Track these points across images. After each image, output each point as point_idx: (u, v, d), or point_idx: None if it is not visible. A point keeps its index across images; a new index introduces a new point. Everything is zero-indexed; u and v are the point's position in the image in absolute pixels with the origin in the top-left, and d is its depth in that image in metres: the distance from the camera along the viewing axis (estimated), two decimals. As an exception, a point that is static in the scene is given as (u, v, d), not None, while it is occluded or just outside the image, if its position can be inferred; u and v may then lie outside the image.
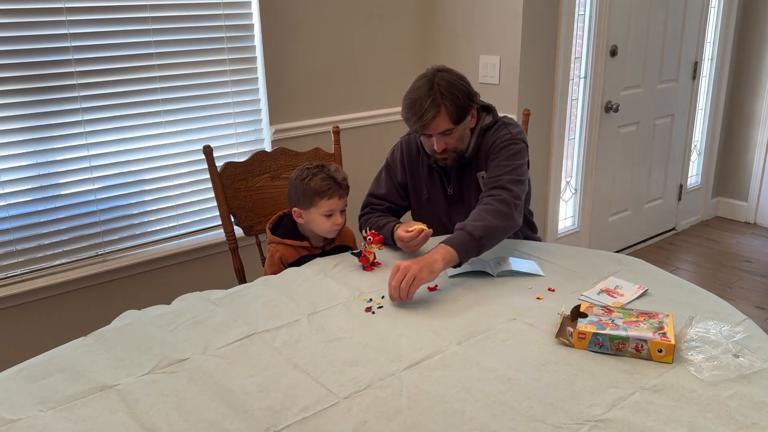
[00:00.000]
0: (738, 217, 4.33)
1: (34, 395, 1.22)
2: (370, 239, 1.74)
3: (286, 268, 1.83)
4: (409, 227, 1.79)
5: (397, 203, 2.06)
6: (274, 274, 1.79)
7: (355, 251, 1.79)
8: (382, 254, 1.81)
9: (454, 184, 1.96)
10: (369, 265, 1.76)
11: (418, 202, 2.05)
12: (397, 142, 2.08)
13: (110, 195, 2.37)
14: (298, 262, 1.84)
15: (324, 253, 1.91)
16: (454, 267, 1.66)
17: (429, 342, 1.37)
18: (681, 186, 4.08)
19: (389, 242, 1.87)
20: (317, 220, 1.83)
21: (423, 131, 1.81)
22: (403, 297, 1.52)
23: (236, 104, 2.59)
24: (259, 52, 2.60)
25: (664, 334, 1.28)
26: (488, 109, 1.94)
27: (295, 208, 1.86)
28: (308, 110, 2.81)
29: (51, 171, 2.23)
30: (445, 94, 1.75)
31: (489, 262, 1.74)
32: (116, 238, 2.42)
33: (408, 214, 2.13)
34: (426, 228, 1.76)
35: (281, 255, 1.86)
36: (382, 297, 1.59)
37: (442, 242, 1.65)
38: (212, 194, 2.19)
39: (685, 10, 3.62)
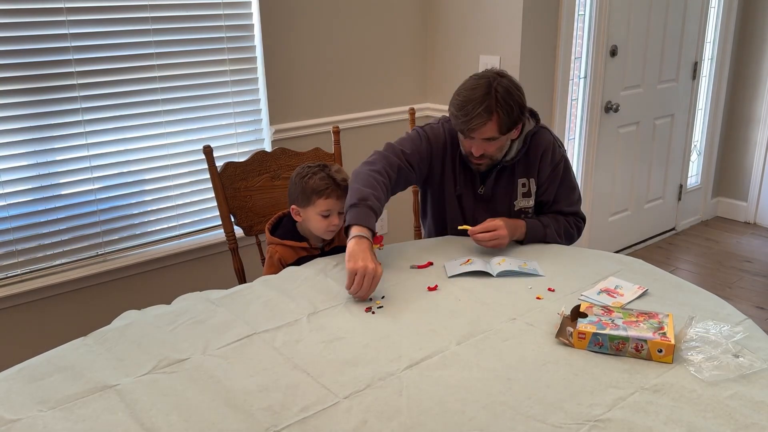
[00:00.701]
0: (738, 217, 4.33)
1: (34, 395, 1.22)
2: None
3: (285, 268, 1.83)
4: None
5: (409, 171, 1.88)
6: (273, 274, 1.79)
7: None
8: (381, 255, 1.80)
9: (490, 184, 1.93)
10: None
11: (440, 194, 1.98)
12: (437, 121, 1.96)
13: (110, 195, 2.37)
14: (297, 263, 1.84)
15: (323, 253, 1.90)
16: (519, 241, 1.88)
17: (429, 342, 1.37)
18: (681, 186, 4.08)
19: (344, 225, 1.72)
20: (313, 219, 1.83)
21: (469, 134, 1.76)
22: (491, 243, 1.77)
23: (236, 104, 2.59)
24: (259, 52, 2.60)
25: (664, 334, 1.28)
26: (533, 114, 1.92)
27: (293, 206, 1.86)
28: (308, 110, 2.81)
29: (51, 171, 2.23)
30: (501, 102, 1.70)
31: (489, 262, 1.74)
32: (116, 238, 2.42)
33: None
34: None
35: (280, 256, 1.86)
36: (383, 297, 1.58)
37: (526, 221, 1.89)
38: (212, 194, 2.19)
39: (685, 10, 3.62)
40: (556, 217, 1.97)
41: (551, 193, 1.97)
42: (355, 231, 1.64)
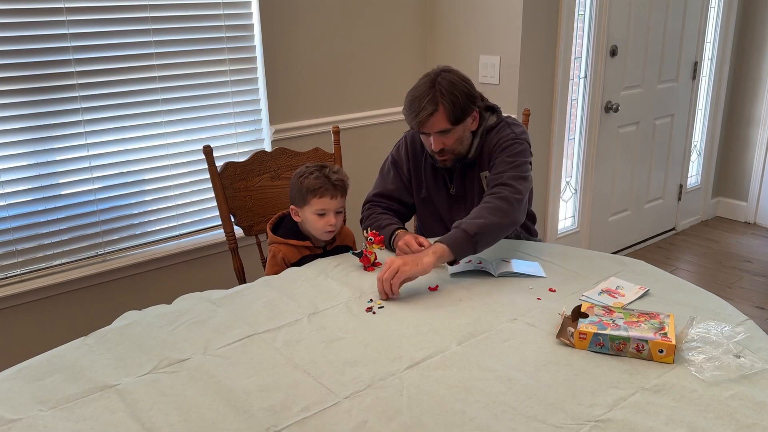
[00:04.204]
0: (738, 217, 4.33)
1: (34, 395, 1.22)
2: (371, 239, 1.74)
3: (288, 268, 1.83)
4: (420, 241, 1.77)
5: (406, 201, 2.03)
6: (276, 274, 1.79)
7: (356, 251, 1.78)
8: (382, 255, 1.81)
9: (457, 183, 1.95)
10: (370, 265, 1.76)
11: (417, 200, 2.04)
12: (400, 138, 2.06)
13: (110, 195, 2.37)
14: (300, 262, 1.84)
15: (326, 253, 1.90)
16: (450, 264, 1.67)
17: (429, 342, 1.37)
18: (681, 186, 4.08)
19: (388, 245, 1.86)
20: (310, 218, 1.83)
21: (420, 129, 1.81)
22: (387, 290, 1.54)
23: (236, 104, 2.59)
24: (259, 52, 2.60)
25: (665, 334, 1.28)
26: (492, 110, 1.93)
27: (292, 206, 1.86)
28: (308, 110, 2.81)
29: (51, 171, 2.23)
30: (444, 93, 1.75)
31: (492, 262, 1.74)
32: (116, 238, 2.42)
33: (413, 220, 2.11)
34: None
35: (284, 255, 1.86)
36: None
37: (437, 240, 1.66)
38: (212, 194, 2.19)
39: (685, 10, 3.62)
40: (480, 204, 1.76)
41: (492, 171, 1.85)
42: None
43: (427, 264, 1.57)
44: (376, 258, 1.77)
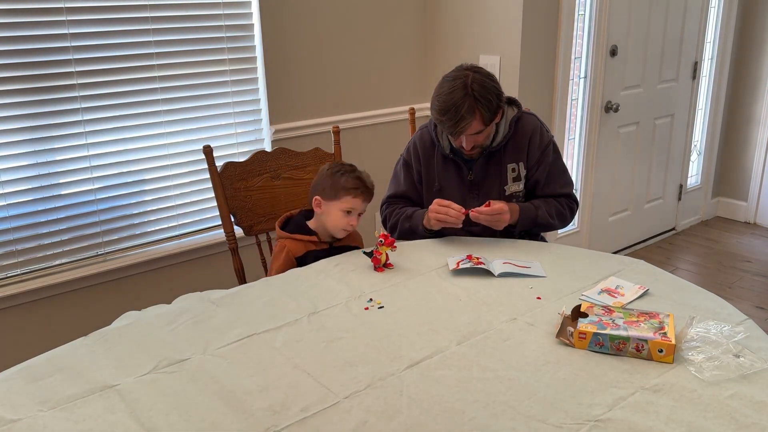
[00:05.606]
0: (738, 217, 4.32)
1: (34, 395, 1.22)
2: (381, 241, 1.74)
3: (294, 262, 1.86)
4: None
5: (418, 200, 2.08)
6: (280, 268, 1.82)
7: (367, 251, 1.79)
8: (395, 256, 1.80)
9: (478, 171, 1.98)
10: (381, 266, 1.76)
11: (428, 192, 2.05)
12: (410, 139, 2.10)
13: (110, 195, 2.37)
14: (305, 256, 1.86)
15: (331, 248, 1.92)
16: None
17: (429, 342, 1.37)
18: (681, 186, 4.08)
19: (419, 231, 1.96)
20: (334, 214, 1.85)
21: (457, 135, 1.85)
22: (485, 221, 1.83)
23: (236, 104, 2.59)
24: (259, 52, 2.60)
25: (665, 334, 1.28)
26: (510, 101, 1.99)
27: (316, 197, 1.88)
28: (308, 110, 2.81)
29: (51, 171, 2.23)
30: (479, 99, 1.78)
31: (492, 262, 1.74)
32: (116, 238, 2.42)
33: None
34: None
35: (289, 248, 1.88)
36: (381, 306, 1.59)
37: (519, 205, 1.92)
38: (212, 194, 2.19)
39: (685, 10, 3.62)
40: (547, 199, 2.00)
41: (542, 175, 2.00)
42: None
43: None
44: (387, 259, 1.77)
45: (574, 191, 2.06)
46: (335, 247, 1.93)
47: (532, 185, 2.02)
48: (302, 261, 1.86)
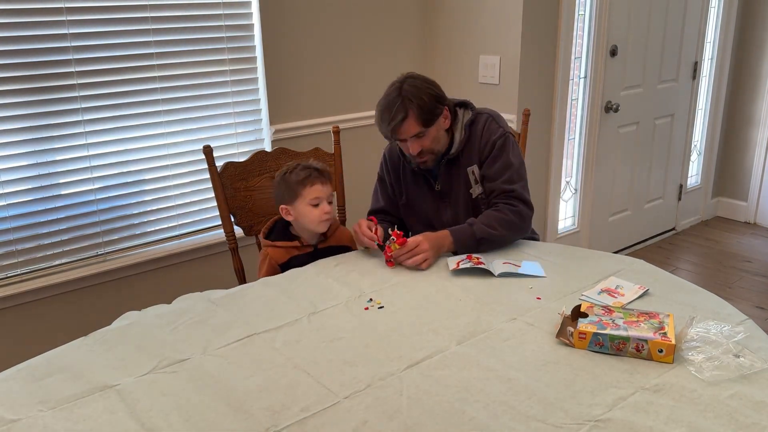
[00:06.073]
0: (738, 217, 4.32)
1: (34, 395, 1.22)
2: (393, 239, 1.75)
3: (278, 269, 1.84)
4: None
5: (396, 213, 2.10)
6: (266, 276, 1.80)
7: (381, 244, 1.80)
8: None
9: (442, 180, 1.98)
10: (391, 260, 1.77)
11: (401, 207, 2.09)
12: (382, 153, 2.12)
13: (110, 195, 2.37)
14: (289, 262, 1.85)
15: (316, 251, 1.90)
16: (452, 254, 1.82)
17: (429, 342, 1.37)
18: (681, 186, 4.08)
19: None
20: (305, 211, 1.83)
21: (395, 136, 1.87)
22: (410, 264, 1.74)
23: (236, 104, 2.59)
24: (259, 52, 2.60)
25: (665, 334, 1.28)
26: (464, 105, 1.98)
27: (282, 206, 1.87)
28: (308, 110, 2.81)
29: (51, 171, 2.23)
30: (411, 99, 1.81)
31: (492, 262, 1.74)
32: (116, 238, 2.42)
33: None
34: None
35: (271, 256, 1.88)
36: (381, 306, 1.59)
37: (449, 230, 1.81)
38: (212, 194, 2.19)
39: (685, 10, 3.62)
40: (486, 212, 1.89)
41: (488, 169, 1.92)
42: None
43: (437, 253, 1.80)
44: None
45: (524, 191, 1.90)
46: (320, 249, 1.91)
47: (485, 182, 1.94)
48: (286, 267, 1.84)
